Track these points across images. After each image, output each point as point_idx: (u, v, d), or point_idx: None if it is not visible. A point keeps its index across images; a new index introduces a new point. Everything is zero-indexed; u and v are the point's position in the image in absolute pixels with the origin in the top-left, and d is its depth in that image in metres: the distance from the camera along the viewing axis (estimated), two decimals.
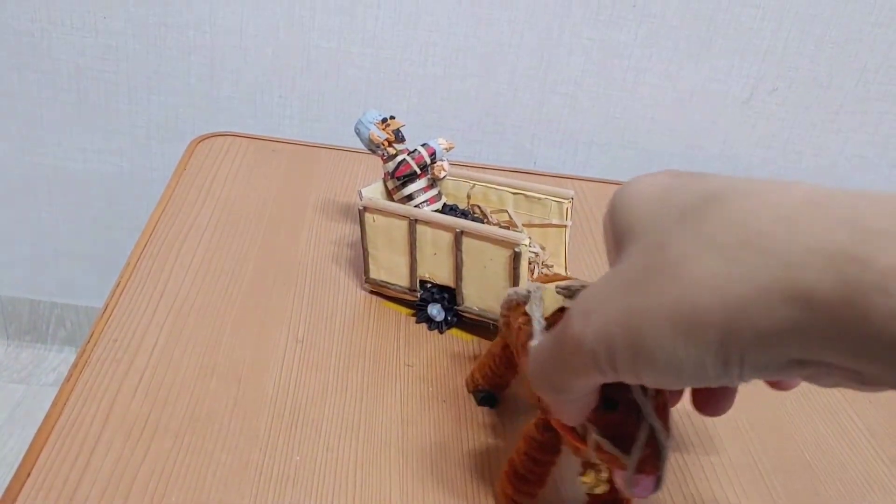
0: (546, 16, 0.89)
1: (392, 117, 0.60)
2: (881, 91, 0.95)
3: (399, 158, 0.60)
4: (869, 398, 0.60)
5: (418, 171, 0.60)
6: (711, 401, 0.36)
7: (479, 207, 0.64)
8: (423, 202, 0.60)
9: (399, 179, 0.60)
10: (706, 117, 0.97)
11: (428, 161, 0.60)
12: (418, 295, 0.59)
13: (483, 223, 0.58)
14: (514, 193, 0.62)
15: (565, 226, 0.61)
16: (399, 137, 0.60)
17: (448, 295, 0.58)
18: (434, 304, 0.58)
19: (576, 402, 0.34)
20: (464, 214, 0.62)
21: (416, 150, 0.60)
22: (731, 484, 0.50)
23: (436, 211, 0.60)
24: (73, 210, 1.02)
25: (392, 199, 0.61)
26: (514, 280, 0.54)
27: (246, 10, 0.88)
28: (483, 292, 0.56)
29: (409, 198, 0.60)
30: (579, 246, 0.73)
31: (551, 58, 0.92)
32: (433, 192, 0.61)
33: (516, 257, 0.53)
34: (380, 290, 0.61)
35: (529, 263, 0.57)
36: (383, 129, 0.60)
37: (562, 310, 0.38)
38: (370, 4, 0.88)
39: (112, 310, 0.56)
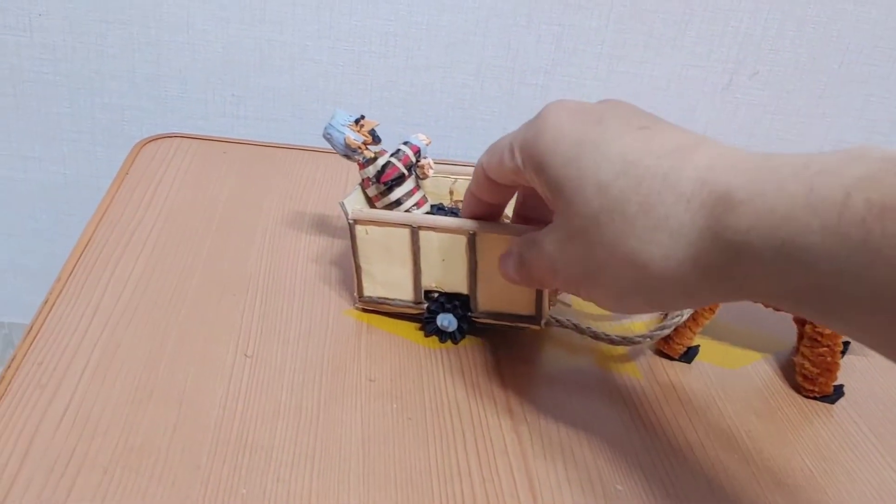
0: (512, 1, 0.84)
1: (363, 116, 0.54)
2: (865, 72, 0.91)
3: (382, 161, 0.54)
4: (871, 398, 0.55)
5: (406, 173, 0.54)
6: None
7: None
8: (413, 206, 0.55)
9: (385, 184, 0.54)
10: (685, 105, 0.92)
11: (414, 160, 0.55)
12: (425, 307, 0.54)
13: None
14: None
15: None
16: (375, 138, 0.54)
17: (459, 302, 0.53)
18: (445, 314, 0.53)
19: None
20: (452, 213, 0.57)
21: (399, 149, 0.54)
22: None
23: (427, 214, 0.55)
24: (15, 223, 0.96)
25: (373, 207, 0.55)
26: None
27: (192, 2, 0.82)
28: (500, 294, 0.52)
29: (398, 203, 0.54)
30: None
31: (519, 46, 0.87)
32: (420, 194, 0.55)
33: None
34: (377, 308, 0.56)
35: None
36: (358, 131, 0.54)
37: None
38: None
39: (38, 330, 0.50)
